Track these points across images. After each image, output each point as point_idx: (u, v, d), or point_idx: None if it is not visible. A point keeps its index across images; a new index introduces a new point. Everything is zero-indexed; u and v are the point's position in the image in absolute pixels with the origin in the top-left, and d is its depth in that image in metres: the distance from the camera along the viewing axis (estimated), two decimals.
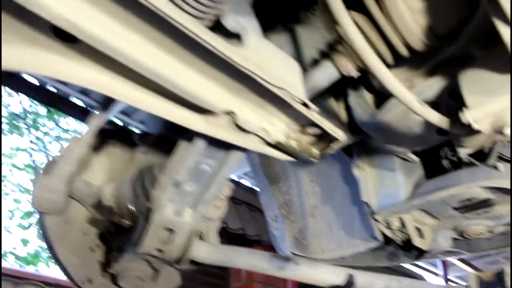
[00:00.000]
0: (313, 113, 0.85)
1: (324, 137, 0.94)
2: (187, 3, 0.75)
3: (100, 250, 1.26)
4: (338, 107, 1.43)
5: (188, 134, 0.96)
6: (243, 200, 6.75)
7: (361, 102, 1.31)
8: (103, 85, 0.74)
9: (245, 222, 6.56)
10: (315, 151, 0.97)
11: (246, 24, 0.90)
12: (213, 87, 0.79)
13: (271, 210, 2.08)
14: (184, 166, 0.98)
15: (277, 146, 0.91)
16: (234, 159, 0.98)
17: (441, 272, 12.88)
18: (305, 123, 0.89)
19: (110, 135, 1.38)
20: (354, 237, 1.87)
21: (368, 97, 1.34)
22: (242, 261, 1.10)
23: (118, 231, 1.28)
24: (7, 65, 0.69)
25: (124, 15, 0.68)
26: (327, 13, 1.60)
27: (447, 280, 11.37)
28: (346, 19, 0.85)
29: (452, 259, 11.98)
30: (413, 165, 1.66)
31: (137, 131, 1.50)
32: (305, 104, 0.83)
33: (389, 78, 0.85)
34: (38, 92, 6.92)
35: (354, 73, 1.06)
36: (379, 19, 0.95)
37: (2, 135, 9.67)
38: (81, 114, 7.60)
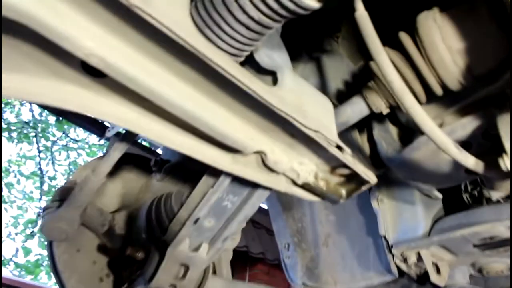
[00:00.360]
0: (347, 156, 0.81)
1: (354, 179, 0.89)
2: (222, 40, 0.72)
3: (109, 280, 1.22)
4: (362, 140, 1.39)
5: (212, 168, 0.93)
6: None
7: (387, 136, 1.26)
8: (130, 120, 0.71)
9: (249, 239, 6.48)
10: (343, 192, 0.93)
11: (279, 59, 0.87)
12: (244, 127, 0.76)
13: (283, 237, 2.03)
14: (206, 202, 0.94)
15: (304, 186, 0.87)
16: (259, 197, 0.94)
17: None
18: (336, 164, 0.85)
19: (125, 160, 1.34)
20: (368, 269, 1.81)
21: (394, 131, 1.30)
22: None
23: (129, 262, 1.24)
24: (32, 98, 0.66)
25: (154, 50, 0.64)
26: (350, 40, 1.58)
27: None
28: (383, 57, 0.81)
29: None
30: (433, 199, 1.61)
31: (156, 155, 1.46)
32: (339, 147, 0.80)
33: (425, 120, 0.81)
34: None
35: (385, 111, 1.02)
36: (416, 57, 0.92)
37: (11, 143, 9.71)
38: (91, 125, 7.61)
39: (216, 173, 0.92)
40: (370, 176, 0.86)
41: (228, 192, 0.94)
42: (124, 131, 0.95)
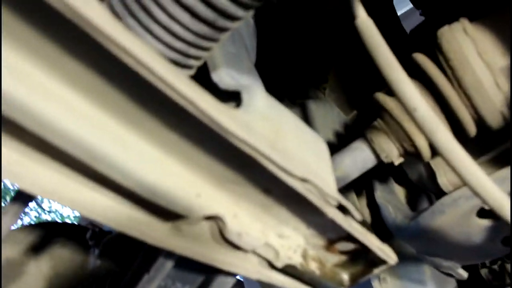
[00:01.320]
0: (353, 224, 0.52)
1: (362, 257, 0.60)
2: (155, 35, 0.44)
3: None
4: (361, 205, 1.09)
5: (149, 245, 0.62)
6: None
7: (393, 199, 0.98)
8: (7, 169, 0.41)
9: None
10: (345, 277, 0.62)
11: (247, 82, 0.59)
12: (188, 176, 0.46)
13: None
14: None
15: (286, 271, 0.57)
16: (220, 286, 0.62)
17: None
18: (335, 236, 0.55)
19: (57, 232, 1.05)
20: None
21: (401, 193, 1.03)
22: None
23: None
24: None
25: (28, 36, 0.36)
26: (339, 91, 1.34)
27: None
28: (399, 73, 0.54)
29: None
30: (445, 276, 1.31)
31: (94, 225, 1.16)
32: (342, 208, 0.50)
33: (471, 166, 0.53)
34: None
35: (397, 160, 0.74)
36: (441, 83, 0.65)
37: None
38: None
39: (153, 251, 0.61)
40: (387, 253, 0.56)
41: (174, 279, 0.63)
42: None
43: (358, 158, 0.74)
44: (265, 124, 0.46)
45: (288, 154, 0.46)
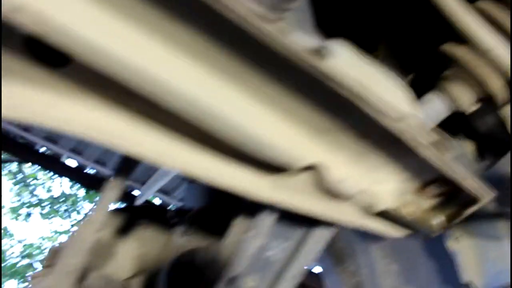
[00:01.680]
0: (447, 161, 0.53)
1: (454, 199, 0.61)
2: None
3: None
4: None
5: (246, 206, 0.66)
6: None
7: (461, 154, 0.98)
8: (109, 131, 0.46)
9: None
10: (439, 219, 0.64)
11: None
12: (287, 127, 0.49)
13: None
14: (243, 255, 0.66)
15: (384, 216, 0.59)
16: (317, 240, 0.65)
17: None
18: (429, 178, 0.57)
19: (140, 215, 1.11)
20: None
21: (469, 147, 1.02)
22: None
23: None
24: None
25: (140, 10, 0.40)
26: (391, 59, 1.34)
27: None
28: (468, 15, 0.55)
29: None
30: None
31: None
32: (435, 147, 0.52)
33: None
34: (78, 175, 6.95)
35: (471, 107, 0.75)
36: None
37: (44, 219, 9.65)
38: (121, 196, 7.51)
39: (252, 211, 0.65)
40: (481, 190, 0.58)
41: (272, 237, 0.66)
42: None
43: (431, 110, 0.74)
44: (354, 71, 0.49)
45: (381, 97, 0.48)
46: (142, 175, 7.09)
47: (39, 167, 8.48)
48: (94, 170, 7.01)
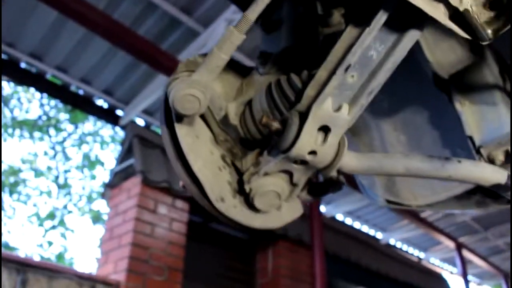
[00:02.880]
0: None
1: (503, 15, 0.89)
2: None
3: (226, 172, 1.20)
4: None
5: (356, 16, 0.91)
6: None
7: None
8: None
9: None
10: (489, 31, 0.92)
11: None
12: None
13: None
14: (354, 52, 0.94)
15: (463, 15, 0.86)
16: (408, 42, 0.93)
17: (455, 270, 12.84)
18: None
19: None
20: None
21: None
22: (399, 166, 1.04)
23: (244, 152, 1.23)
24: None
25: None
26: None
27: (466, 276, 11.33)
28: None
29: (471, 256, 11.92)
30: None
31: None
32: None
33: None
34: (61, 93, 6.96)
35: None
36: None
37: (21, 139, 9.70)
38: (104, 114, 7.61)
39: (361, 20, 0.92)
40: None
41: (376, 39, 0.94)
42: None
43: None
44: None
45: None
46: (126, 95, 7.22)
47: (22, 85, 8.41)
48: (80, 90, 7.04)
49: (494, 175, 1.02)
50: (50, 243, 9.25)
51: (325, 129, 1.02)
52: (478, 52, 1.38)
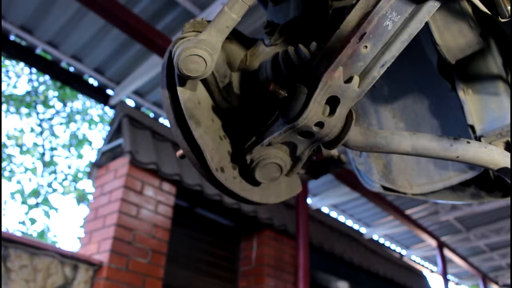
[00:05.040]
0: None
1: None
2: None
3: (226, 141, 1.16)
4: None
5: None
6: None
7: None
8: None
9: (258, 206, 6.48)
10: (509, 8, 0.90)
11: None
12: None
13: None
14: (370, 20, 0.90)
15: None
16: (425, 14, 0.90)
17: (435, 268, 12.99)
18: None
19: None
20: (447, 169, 1.80)
21: None
22: (407, 145, 1.01)
23: (246, 122, 1.19)
24: None
25: None
26: None
27: (445, 275, 11.47)
28: None
29: (452, 256, 12.07)
30: None
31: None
32: None
33: None
34: (51, 69, 6.83)
35: None
36: None
37: (8, 114, 9.53)
38: (94, 93, 7.51)
39: None
40: None
41: (393, 8, 0.90)
42: None
43: None
44: None
45: None
46: (118, 74, 7.11)
47: (10, 59, 8.22)
48: (71, 67, 6.93)
49: (503, 158, 1.00)
50: (33, 221, 9.14)
51: (333, 102, 0.99)
52: (486, 39, 1.36)
